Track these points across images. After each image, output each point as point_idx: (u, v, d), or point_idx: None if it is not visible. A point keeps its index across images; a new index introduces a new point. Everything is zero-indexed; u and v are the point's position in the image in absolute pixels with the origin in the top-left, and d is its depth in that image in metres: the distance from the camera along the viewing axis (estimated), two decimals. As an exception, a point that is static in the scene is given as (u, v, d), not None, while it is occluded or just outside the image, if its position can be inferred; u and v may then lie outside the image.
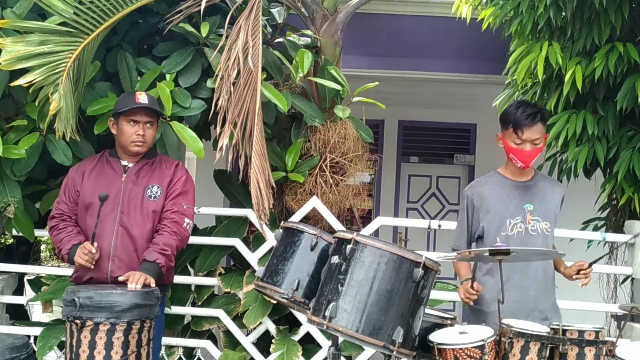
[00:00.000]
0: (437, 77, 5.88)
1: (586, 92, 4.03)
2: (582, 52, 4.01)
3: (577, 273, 2.79)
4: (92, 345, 2.44)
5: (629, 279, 4.14)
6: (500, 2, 4.14)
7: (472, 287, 2.65)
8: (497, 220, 2.76)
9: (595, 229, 4.53)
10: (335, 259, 2.23)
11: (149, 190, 2.87)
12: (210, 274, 4.00)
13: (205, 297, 3.95)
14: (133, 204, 2.85)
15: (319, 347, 3.80)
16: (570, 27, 4.01)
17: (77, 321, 2.45)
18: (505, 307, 2.61)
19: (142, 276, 2.66)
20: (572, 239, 3.93)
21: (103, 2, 3.30)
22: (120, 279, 2.70)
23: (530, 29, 4.09)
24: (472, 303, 2.71)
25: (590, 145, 4.00)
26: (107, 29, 3.39)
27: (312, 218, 4.08)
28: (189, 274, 4.07)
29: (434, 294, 3.76)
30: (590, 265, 2.77)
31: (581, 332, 2.30)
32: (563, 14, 3.92)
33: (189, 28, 3.65)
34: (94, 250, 2.73)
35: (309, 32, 4.26)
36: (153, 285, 2.67)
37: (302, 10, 4.35)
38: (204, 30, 3.68)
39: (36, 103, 3.18)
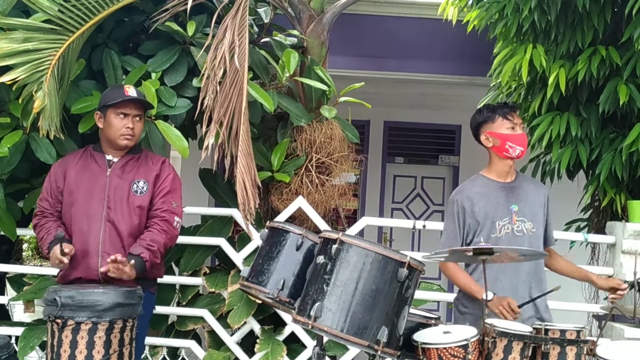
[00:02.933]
0: (423, 78, 5.91)
1: (569, 94, 4.08)
2: (565, 55, 4.06)
3: (613, 291, 2.79)
4: (74, 344, 2.43)
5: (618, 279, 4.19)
6: (486, 4, 4.17)
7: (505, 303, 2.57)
8: (489, 223, 2.77)
9: (578, 230, 4.58)
10: (320, 259, 2.24)
11: (135, 185, 2.85)
12: (195, 273, 3.99)
13: (189, 297, 3.94)
14: (119, 198, 2.82)
15: (304, 347, 3.80)
16: (554, 30, 4.05)
17: (59, 321, 2.43)
18: None
19: (126, 265, 2.65)
20: (555, 240, 3.96)
21: (88, 0, 3.27)
22: (101, 269, 2.68)
23: (515, 32, 4.13)
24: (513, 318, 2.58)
25: (573, 147, 4.04)
26: (92, 27, 3.36)
27: (298, 218, 4.09)
28: (173, 273, 4.05)
29: (419, 294, 3.78)
30: (631, 287, 2.78)
31: (563, 332, 2.32)
32: (547, 17, 3.96)
33: (175, 27, 3.63)
34: (65, 260, 2.68)
35: (295, 32, 4.26)
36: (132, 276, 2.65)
37: (289, 10, 4.35)
38: (190, 29, 3.67)
39: (20, 101, 3.15)
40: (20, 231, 3.71)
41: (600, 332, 2.62)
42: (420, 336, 2.33)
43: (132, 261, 2.68)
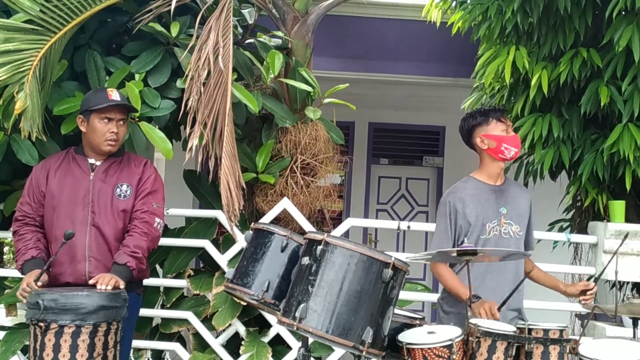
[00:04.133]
0: (407, 80, 5.94)
1: (552, 96, 4.12)
2: (547, 57, 4.10)
3: (583, 293, 2.80)
4: (57, 348, 2.40)
5: (592, 279, 4.24)
6: (469, 6, 4.20)
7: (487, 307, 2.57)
8: (480, 225, 2.80)
9: (561, 230, 4.62)
10: (305, 260, 2.23)
11: (118, 189, 2.83)
12: (179, 275, 3.97)
13: (174, 299, 3.92)
14: (103, 203, 2.80)
15: (289, 348, 3.80)
16: (536, 32, 4.09)
17: (41, 324, 2.40)
18: None
19: (113, 279, 2.62)
20: (538, 240, 4.00)
21: (71, 0, 3.24)
22: (90, 282, 2.65)
23: (498, 34, 4.16)
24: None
25: (555, 148, 4.08)
26: (74, 28, 3.33)
27: (283, 219, 4.08)
28: (157, 275, 4.03)
29: (403, 295, 3.79)
30: (596, 281, 2.81)
31: (546, 331, 2.34)
32: (530, 19, 4.00)
33: (159, 28, 3.62)
34: (36, 287, 2.61)
35: (279, 33, 4.26)
36: (122, 286, 2.63)
37: (273, 11, 4.35)
38: (174, 30, 3.65)
39: (1, 102, 3.11)
40: (1, 234, 3.66)
41: (582, 331, 2.66)
42: (405, 336, 2.34)
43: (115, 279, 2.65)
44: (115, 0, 3.49)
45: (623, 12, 3.73)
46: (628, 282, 4.15)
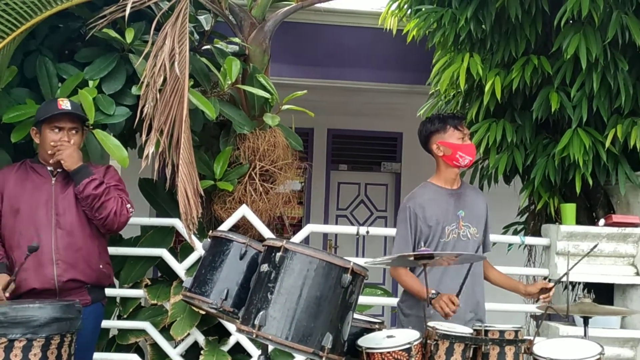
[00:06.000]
0: (365, 87, 5.99)
1: (505, 102, 4.22)
2: (500, 64, 4.19)
3: (542, 292, 2.86)
4: (7, 363, 2.32)
5: (546, 280, 4.35)
6: (424, 14, 4.27)
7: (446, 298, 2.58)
8: (439, 228, 2.84)
9: (515, 233, 4.73)
10: (264, 267, 2.23)
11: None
12: (136, 285, 3.90)
13: (131, 310, 3.85)
14: (67, 204, 2.76)
15: (249, 356, 3.77)
16: (489, 40, 4.19)
17: (-9, 339, 2.32)
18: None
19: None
20: (494, 243, 4.08)
21: (19, 5, 3.16)
22: (51, 161, 2.72)
23: (453, 41, 4.24)
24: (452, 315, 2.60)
25: (509, 152, 4.17)
26: (24, 33, 3.25)
27: (242, 227, 4.06)
28: (113, 286, 3.93)
29: (363, 299, 3.82)
30: (555, 284, 2.88)
31: (502, 332, 2.39)
32: (483, 27, 4.09)
33: (113, 34, 3.55)
34: (5, 296, 2.58)
35: (237, 39, 4.24)
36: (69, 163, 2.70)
37: (230, 17, 4.33)
38: (129, 36, 3.60)
39: (-54, 109, 3.01)
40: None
41: (536, 331, 2.72)
42: (365, 341, 2.36)
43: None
44: (66, 5, 3.41)
45: (571, 21, 3.86)
46: (579, 283, 4.27)
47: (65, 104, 2.81)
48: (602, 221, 4.07)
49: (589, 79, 3.85)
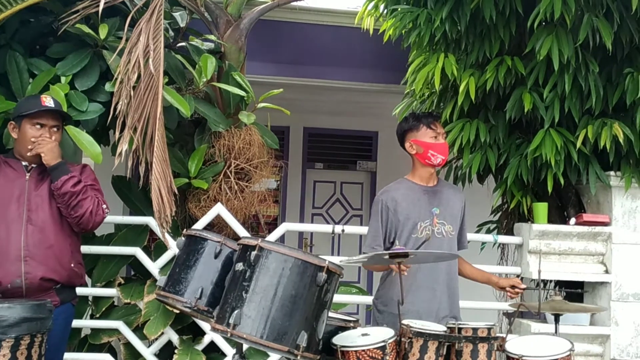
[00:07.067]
0: (341, 86, 6.00)
1: (479, 102, 4.25)
2: (475, 64, 4.23)
3: (512, 288, 2.94)
4: (-24, 364, 2.28)
5: (518, 278, 4.41)
6: (400, 14, 4.28)
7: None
8: (411, 224, 2.87)
9: (488, 231, 4.78)
10: (239, 266, 2.22)
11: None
12: (109, 284, 3.86)
13: (104, 309, 3.81)
14: (40, 201, 2.72)
15: (224, 355, 3.76)
16: (464, 40, 4.22)
17: (-42, 339, 2.28)
18: (415, 307, 2.72)
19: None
20: (468, 241, 4.12)
21: (-11, -2, 3.10)
22: (29, 154, 2.70)
23: (428, 41, 4.26)
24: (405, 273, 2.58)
25: (482, 152, 4.21)
26: (-6, 27, 3.19)
27: (217, 225, 4.04)
28: (86, 285, 3.89)
29: (338, 297, 3.82)
30: (526, 288, 2.96)
31: (475, 330, 2.42)
32: (458, 27, 4.12)
33: (86, 29, 3.50)
34: None
35: (212, 37, 4.22)
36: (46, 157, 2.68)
37: (206, 15, 4.30)
38: (103, 32, 3.55)
39: None
40: None
41: (509, 329, 2.76)
42: (339, 339, 2.36)
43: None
44: (38, -1, 3.36)
45: (544, 23, 3.90)
46: (550, 281, 4.34)
47: (48, 101, 2.79)
48: (573, 220, 4.14)
49: (561, 80, 3.91)
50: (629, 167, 4.04)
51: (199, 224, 3.81)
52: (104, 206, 2.84)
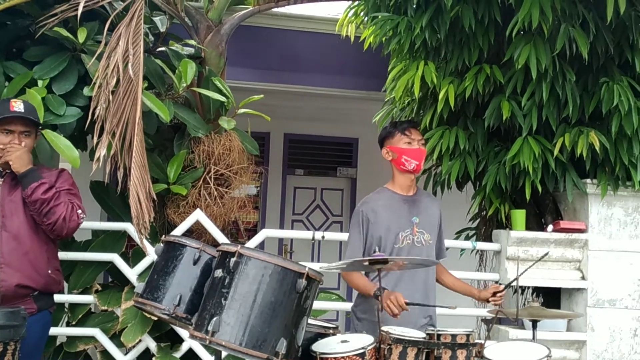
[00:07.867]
0: (321, 92, 6.01)
1: (458, 109, 4.29)
2: (454, 72, 4.27)
3: (494, 295, 2.93)
4: (-53, 373, 2.23)
5: (497, 284, 4.44)
6: (380, 21, 4.31)
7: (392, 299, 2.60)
8: (392, 234, 2.87)
9: (467, 238, 4.81)
10: (218, 273, 2.20)
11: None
12: (85, 291, 3.81)
13: (80, 316, 3.76)
14: (14, 207, 2.67)
15: (202, 363, 3.72)
16: (443, 48, 4.26)
17: None
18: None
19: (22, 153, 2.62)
20: (447, 248, 4.15)
21: (-35, 1, 3.06)
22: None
23: (408, 49, 4.29)
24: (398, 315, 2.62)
25: (461, 159, 4.25)
26: (-30, 30, 3.14)
27: (196, 231, 4.01)
28: (62, 291, 3.83)
29: (318, 304, 3.82)
30: (505, 287, 2.94)
31: (454, 336, 2.42)
32: (437, 35, 4.16)
33: (65, 33, 3.47)
34: None
35: (192, 42, 4.20)
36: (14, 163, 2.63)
37: (186, 20, 4.28)
38: (81, 35, 3.52)
39: None
40: None
41: (487, 335, 2.77)
42: (319, 346, 2.35)
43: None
44: (15, 2, 3.31)
45: (522, 32, 3.96)
46: (528, 287, 4.38)
47: (18, 106, 2.71)
48: (550, 227, 4.19)
49: (538, 88, 3.96)
50: (605, 174, 4.10)
51: (178, 230, 3.78)
52: (79, 211, 2.79)
